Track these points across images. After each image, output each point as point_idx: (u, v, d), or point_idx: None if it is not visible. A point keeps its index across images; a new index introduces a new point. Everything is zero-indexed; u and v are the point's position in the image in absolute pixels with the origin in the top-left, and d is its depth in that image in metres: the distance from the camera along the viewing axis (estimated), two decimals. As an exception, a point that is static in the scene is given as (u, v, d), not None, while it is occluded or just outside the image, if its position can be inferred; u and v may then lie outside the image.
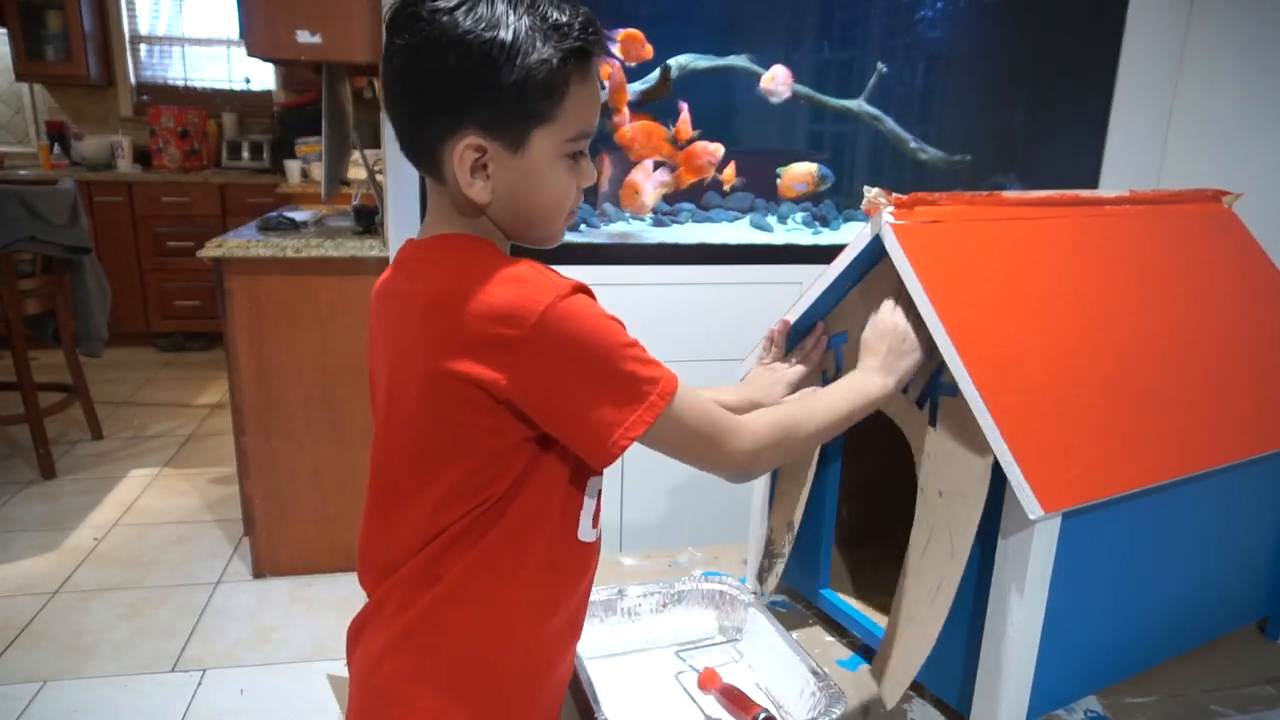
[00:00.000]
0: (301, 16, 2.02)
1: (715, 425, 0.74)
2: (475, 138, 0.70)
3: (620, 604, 1.06)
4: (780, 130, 2.11)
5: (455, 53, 0.67)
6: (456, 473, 0.73)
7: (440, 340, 0.69)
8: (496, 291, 0.68)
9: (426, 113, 0.71)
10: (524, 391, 0.68)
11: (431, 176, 0.76)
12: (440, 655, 0.76)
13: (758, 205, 2.15)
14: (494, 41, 0.67)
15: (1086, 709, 0.93)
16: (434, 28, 0.67)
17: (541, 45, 0.68)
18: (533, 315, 0.66)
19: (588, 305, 0.68)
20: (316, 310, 2.29)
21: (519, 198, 0.74)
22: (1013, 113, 2.24)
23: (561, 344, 0.67)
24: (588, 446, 0.71)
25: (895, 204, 0.88)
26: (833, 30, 2.09)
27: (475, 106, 0.69)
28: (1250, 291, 1.09)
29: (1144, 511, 0.87)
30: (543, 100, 0.70)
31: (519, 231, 0.77)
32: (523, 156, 0.72)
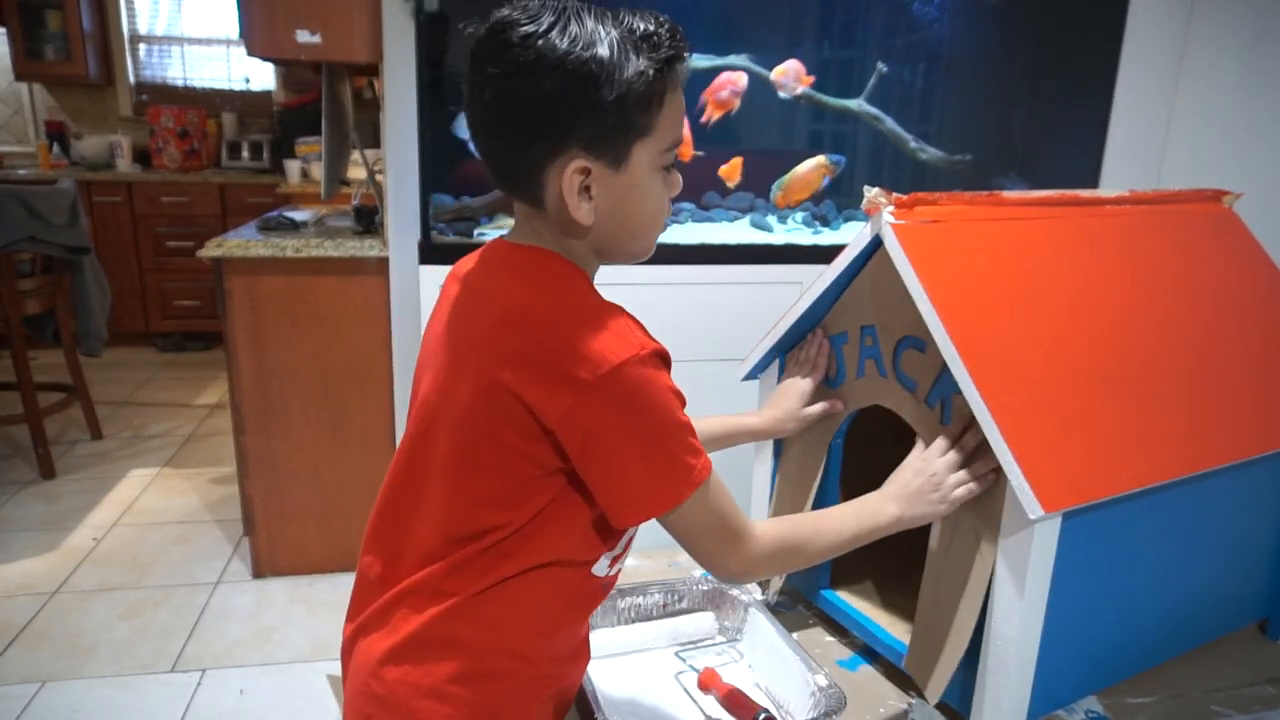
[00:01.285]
0: (301, 16, 2.02)
1: (732, 523, 0.75)
2: (581, 159, 0.69)
3: (620, 604, 1.06)
4: (780, 130, 2.11)
5: (556, 75, 0.66)
6: (484, 490, 0.73)
7: (510, 354, 0.69)
8: (583, 330, 0.68)
9: (528, 140, 0.69)
10: (571, 431, 0.68)
11: (527, 202, 0.74)
12: (444, 670, 0.75)
13: (758, 205, 2.15)
14: (593, 59, 0.66)
15: (1087, 709, 0.93)
16: (529, 52, 0.66)
17: (636, 58, 0.68)
18: (607, 365, 0.66)
19: (659, 375, 0.69)
20: (316, 310, 2.29)
21: (621, 215, 0.73)
22: (1013, 113, 2.24)
23: (623, 402, 0.67)
24: (610, 504, 0.72)
25: (895, 204, 0.88)
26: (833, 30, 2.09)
27: (578, 127, 0.68)
28: (1250, 291, 1.09)
29: (1144, 511, 0.87)
30: (642, 113, 0.70)
31: (616, 248, 0.77)
32: (624, 173, 0.71)
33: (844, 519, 0.83)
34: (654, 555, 1.29)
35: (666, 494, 0.70)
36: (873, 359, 0.96)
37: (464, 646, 0.75)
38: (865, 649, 1.05)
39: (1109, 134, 2.19)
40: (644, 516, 0.72)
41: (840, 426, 1.03)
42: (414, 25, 1.88)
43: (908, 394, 0.92)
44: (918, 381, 0.91)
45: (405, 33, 1.91)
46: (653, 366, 0.68)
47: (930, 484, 0.84)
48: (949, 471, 0.84)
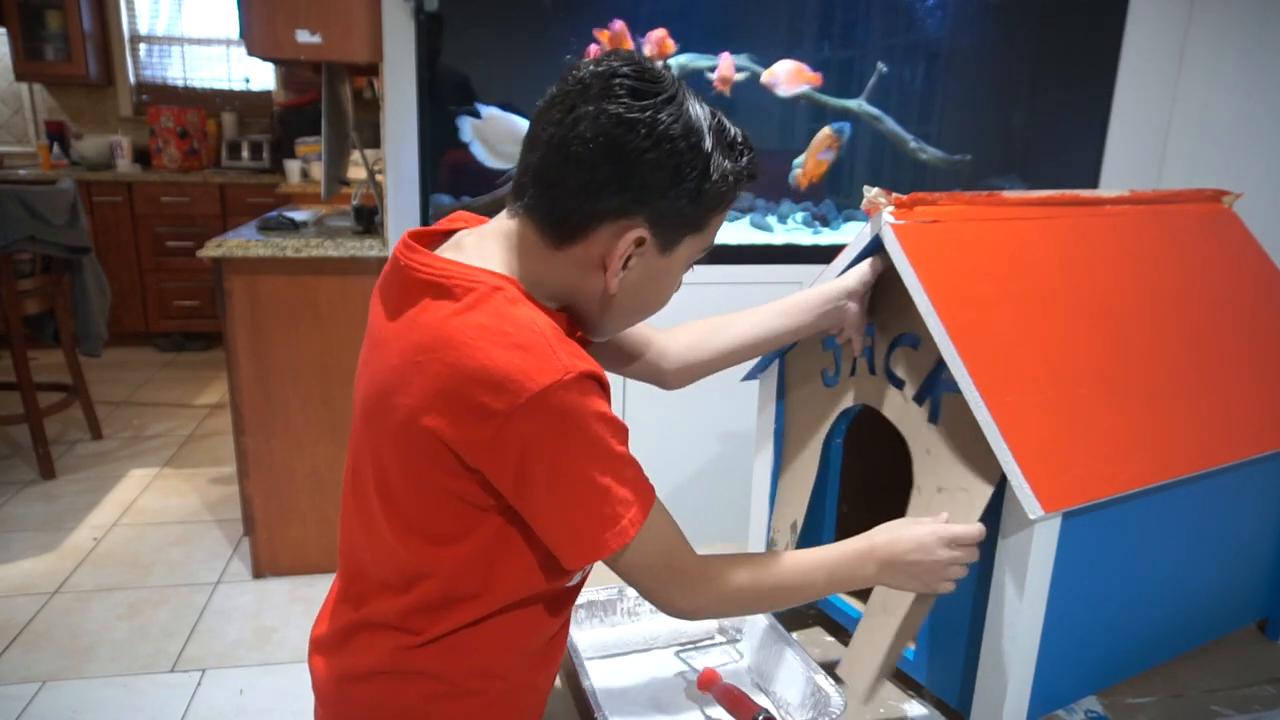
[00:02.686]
0: (301, 16, 2.02)
1: (672, 568, 0.71)
2: (643, 230, 0.69)
3: (620, 604, 1.06)
4: (781, 130, 2.11)
5: (664, 148, 0.66)
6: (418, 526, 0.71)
7: (423, 390, 0.65)
8: (497, 354, 0.63)
9: (600, 189, 0.67)
10: (498, 468, 0.65)
11: (551, 237, 0.70)
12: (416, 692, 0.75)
13: (758, 205, 2.15)
14: (696, 148, 0.67)
15: (1087, 709, 0.93)
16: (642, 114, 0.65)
17: (724, 160, 0.69)
18: (525, 393, 0.61)
19: (589, 402, 0.64)
20: (316, 310, 2.29)
21: (640, 294, 0.73)
22: (1013, 113, 2.24)
23: (547, 433, 0.63)
24: (554, 544, 0.69)
25: (895, 204, 0.88)
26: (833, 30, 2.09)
27: (657, 200, 0.68)
28: (1250, 291, 1.09)
29: (1144, 511, 0.87)
30: (708, 212, 0.71)
31: (595, 320, 0.75)
32: (666, 259, 0.72)
33: (816, 572, 0.78)
34: (654, 555, 1.28)
35: (608, 538, 0.66)
36: (865, 358, 0.96)
37: (434, 675, 0.75)
38: (865, 649, 1.05)
39: (1109, 134, 2.19)
40: (588, 559, 0.67)
41: (840, 427, 1.03)
42: (414, 25, 1.88)
43: (895, 391, 0.92)
44: (905, 379, 0.91)
45: (405, 33, 1.91)
46: (580, 391, 0.63)
47: (926, 568, 0.79)
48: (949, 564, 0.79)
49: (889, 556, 0.79)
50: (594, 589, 1.05)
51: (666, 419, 2.07)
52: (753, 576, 0.76)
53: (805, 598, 0.79)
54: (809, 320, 0.94)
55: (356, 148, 2.63)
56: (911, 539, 0.79)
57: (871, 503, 1.20)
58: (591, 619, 1.05)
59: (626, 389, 1.96)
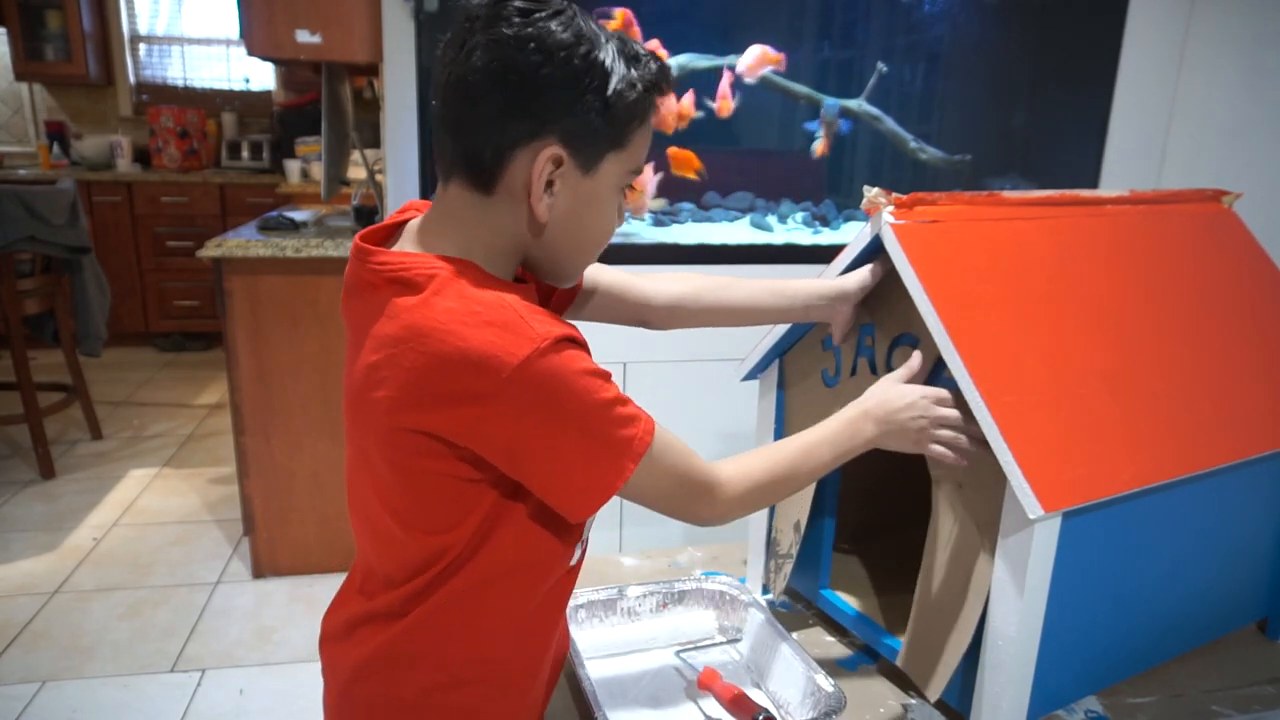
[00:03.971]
0: (301, 16, 2.02)
1: (691, 480, 0.73)
2: (557, 148, 0.68)
3: (620, 604, 1.06)
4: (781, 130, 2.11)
5: (556, 60, 0.65)
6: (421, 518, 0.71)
7: (399, 385, 0.65)
8: (472, 335, 0.63)
9: (507, 115, 0.67)
10: (489, 445, 0.66)
11: (472, 184, 0.70)
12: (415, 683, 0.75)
13: (758, 205, 2.15)
14: (593, 57, 0.66)
15: (1087, 709, 0.93)
16: (530, 29, 0.65)
17: (626, 69, 0.68)
18: (506, 369, 0.62)
19: (568, 361, 0.64)
20: (316, 310, 2.29)
21: (574, 222, 0.72)
22: (1013, 113, 2.25)
23: (535, 403, 0.63)
24: (559, 503, 0.69)
25: (895, 204, 0.88)
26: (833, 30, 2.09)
27: (563, 117, 0.67)
28: (1250, 291, 1.09)
29: (1144, 511, 0.87)
30: (623, 124, 0.70)
31: (549, 259, 0.74)
32: (591, 179, 0.71)
33: (821, 448, 0.80)
34: (654, 555, 1.28)
35: (610, 475, 0.67)
36: (866, 358, 0.96)
37: (431, 660, 0.75)
38: (865, 649, 1.05)
39: (1109, 134, 2.19)
40: (596, 505, 0.68)
41: (840, 426, 1.03)
42: (414, 25, 1.88)
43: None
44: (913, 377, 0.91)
45: (405, 33, 1.91)
46: (558, 354, 0.64)
47: (918, 424, 0.82)
48: (939, 423, 0.82)
49: (883, 415, 0.82)
50: (594, 589, 1.05)
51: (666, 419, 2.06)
52: (765, 469, 0.78)
53: (817, 475, 0.82)
54: (797, 308, 0.95)
55: (356, 148, 2.63)
56: (900, 397, 0.82)
57: (871, 503, 1.20)
58: (591, 619, 1.05)
59: (625, 388, 1.96)
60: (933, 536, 0.90)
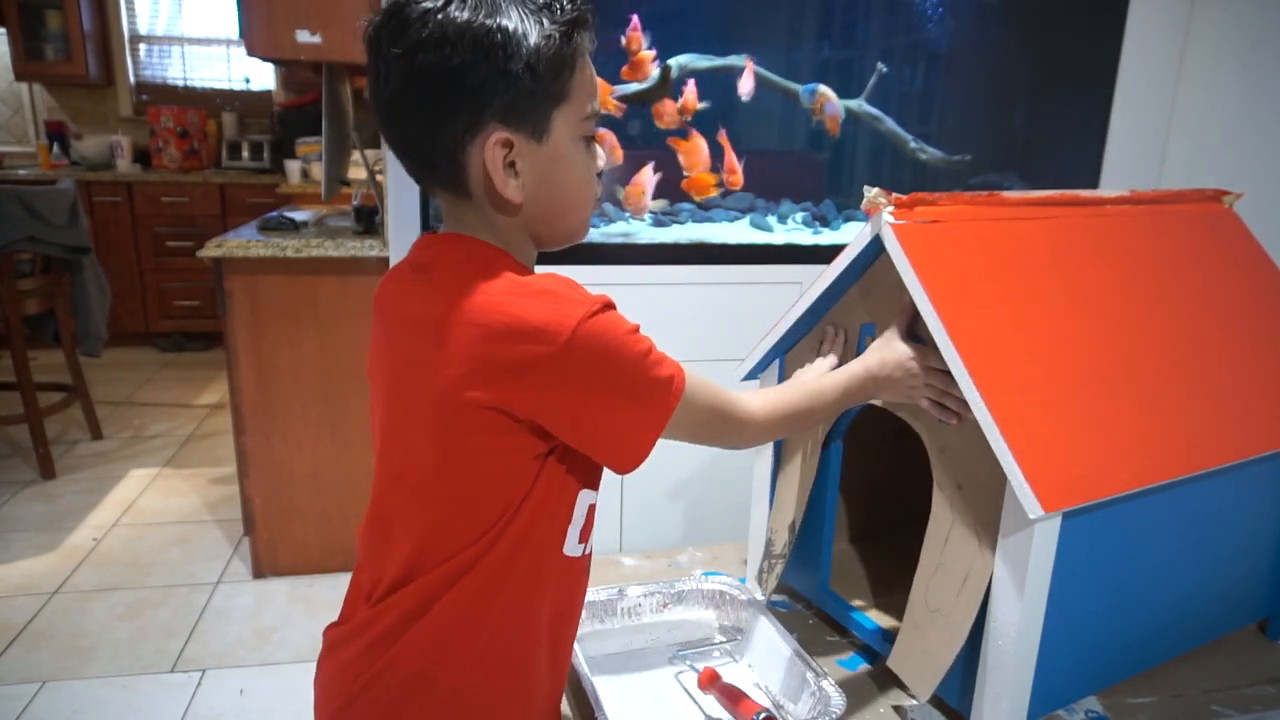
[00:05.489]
0: (301, 16, 2.02)
1: (723, 411, 0.78)
2: (501, 131, 0.68)
3: (620, 604, 1.06)
4: (781, 129, 2.11)
5: (462, 46, 0.64)
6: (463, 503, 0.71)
7: (458, 364, 0.67)
8: (526, 306, 0.66)
9: (442, 118, 0.67)
10: (549, 408, 0.68)
11: (450, 190, 0.72)
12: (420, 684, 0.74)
13: (758, 205, 2.15)
14: (498, 27, 0.65)
15: (1087, 709, 0.93)
16: (432, 27, 0.65)
17: (541, 24, 0.67)
18: (565, 332, 0.65)
19: (614, 321, 0.68)
20: (316, 310, 2.29)
21: (549, 188, 0.72)
22: (1013, 113, 2.25)
23: (591, 361, 0.67)
24: (615, 454, 0.72)
25: (895, 204, 0.88)
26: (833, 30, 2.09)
27: (494, 97, 0.66)
28: (1250, 291, 1.09)
29: (1144, 511, 0.87)
30: (555, 79, 0.68)
31: (548, 229, 0.75)
32: (547, 143, 0.70)
33: (833, 391, 0.87)
34: (654, 555, 1.29)
35: (657, 417, 0.71)
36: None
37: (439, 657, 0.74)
38: (865, 649, 1.05)
39: (1109, 134, 2.18)
40: (648, 449, 0.71)
41: (840, 427, 1.03)
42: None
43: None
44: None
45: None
46: (605, 316, 0.67)
47: (909, 382, 0.89)
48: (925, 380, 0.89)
49: (881, 374, 0.89)
50: (594, 589, 1.05)
51: (666, 419, 2.06)
52: (789, 400, 0.85)
53: (827, 414, 0.89)
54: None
55: (357, 148, 2.63)
56: (894, 353, 0.90)
57: (871, 503, 1.20)
58: (592, 619, 1.05)
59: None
60: (931, 536, 0.90)
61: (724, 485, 2.10)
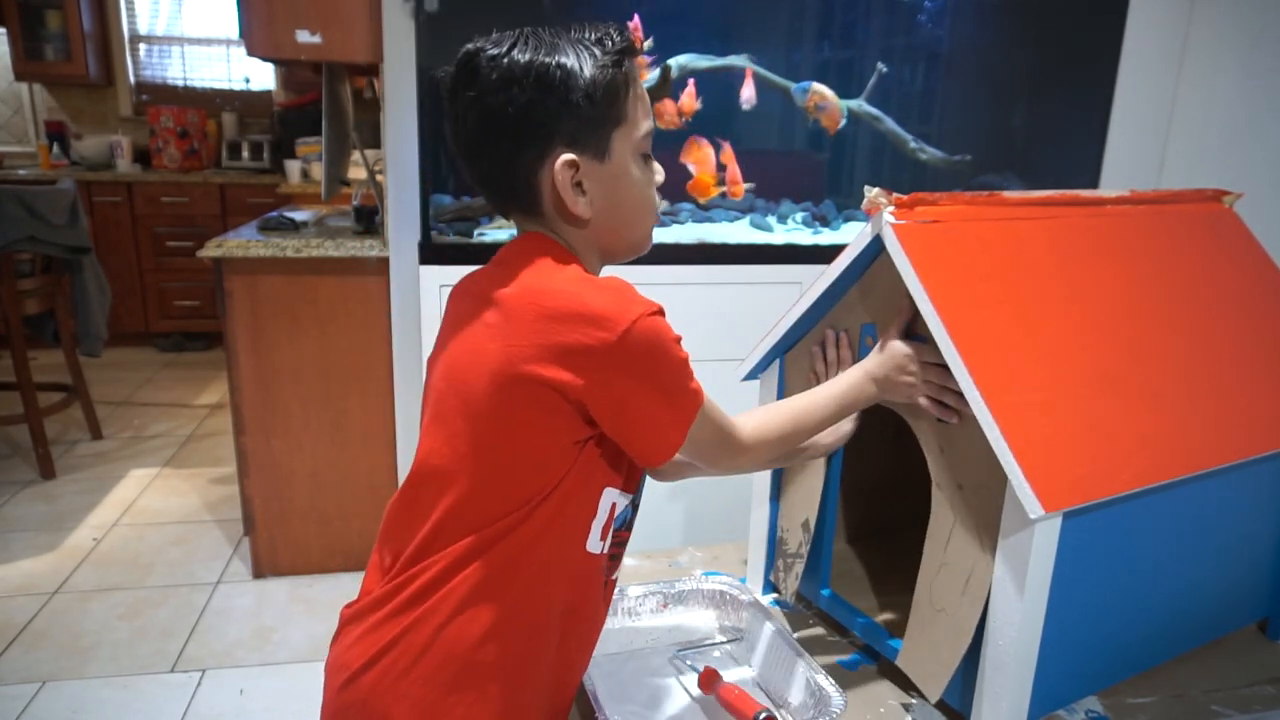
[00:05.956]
0: (301, 16, 2.02)
1: (727, 434, 0.82)
2: (567, 154, 0.75)
3: (620, 604, 1.06)
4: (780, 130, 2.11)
5: (527, 84, 0.73)
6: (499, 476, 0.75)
7: (524, 338, 0.72)
8: (590, 296, 0.72)
9: (515, 149, 0.75)
10: (599, 393, 0.72)
11: (525, 212, 0.80)
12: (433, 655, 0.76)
13: (758, 205, 2.15)
14: (557, 64, 0.73)
15: (1087, 709, 0.93)
16: (499, 69, 0.73)
17: (592, 56, 0.75)
18: (625, 322, 0.70)
19: (665, 326, 0.74)
20: (316, 310, 2.29)
21: (614, 202, 0.79)
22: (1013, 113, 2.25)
23: (641, 354, 0.71)
24: (646, 447, 0.76)
25: (895, 204, 0.88)
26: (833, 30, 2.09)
27: (558, 126, 0.74)
28: (1250, 291, 1.09)
29: (1144, 511, 0.87)
30: (612, 104, 0.76)
31: (616, 239, 0.82)
32: (610, 162, 0.78)
33: (829, 404, 0.89)
34: (654, 555, 1.29)
35: (683, 423, 0.76)
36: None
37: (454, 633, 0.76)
38: (865, 649, 1.05)
39: (1109, 134, 2.19)
40: (672, 450, 0.76)
41: (840, 426, 1.03)
42: (414, 25, 1.88)
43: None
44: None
45: (405, 33, 1.91)
46: (660, 318, 0.73)
47: (908, 380, 0.90)
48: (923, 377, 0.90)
49: (882, 376, 0.91)
50: (594, 589, 1.05)
51: (666, 419, 2.06)
52: (789, 420, 0.87)
53: (824, 426, 0.91)
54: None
55: (357, 148, 2.63)
56: (893, 355, 0.91)
57: (871, 503, 1.20)
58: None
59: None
60: (933, 536, 0.90)
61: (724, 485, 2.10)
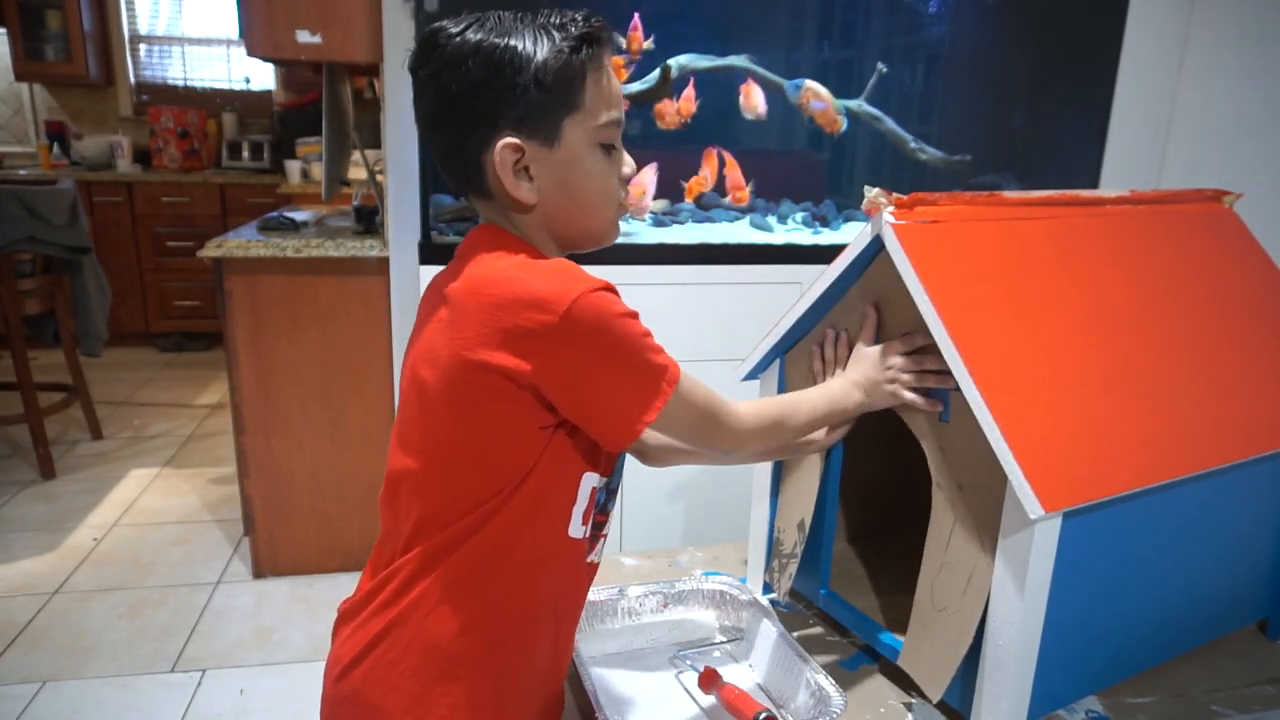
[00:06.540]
0: (301, 16, 2.02)
1: (715, 409, 0.80)
2: (511, 138, 0.74)
3: (620, 604, 1.06)
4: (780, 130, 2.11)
5: (475, 63, 0.72)
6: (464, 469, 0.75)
7: (469, 328, 0.72)
8: (530, 280, 0.71)
9: (463, 130, 0.75)
10: (549, 377, 0.71)
11: (478, 195, 0.79)
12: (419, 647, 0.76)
13: (758, 205, 2.15)
14: (507, 45, 0.72)
15: (1087, 709, 0.93)
16: (451, 48, 0.73)
17: (549, 40, 0.73)
18: (564, 302, 0.69)
19: (613, 300, 0.72)
20: (316, 310, 2.29)
21: (565, 190, 0.78)
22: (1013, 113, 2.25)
23: (589, 332, 0.70)
24: (609, 430, 0.75)
25: (895, 204, 0.88)
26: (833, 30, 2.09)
27: (504, 108, 0.73)
28: (1250, 291, 1.09)
29: (1144, 511, 0.87)
30: (564, 91, 0.74)
31: (569, 228, 0.80)
32: (560, 149, 0.76)
33: (817, 400, 0.90)
34: (654, 555, 1.29)
35: (649, 400, 0.74)
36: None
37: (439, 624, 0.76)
38: (865, 649, 1.05)
39: (1109, 134, 2.19)
40: (638, 430, 0.74)
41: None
42: (414, 25, 1.88)
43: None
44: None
45: (405, 33, 1.91)
46: (605, 297, 0.72)
47: (887, 377, 0.91)
48: (902, 370, 0.91)
49: (864, 382, 0.92)
50: (595, 589, 1.05)
51: (666, 419, 2.06)
52: (774, 408, 0.88)
53: (813, 425, 0.91)
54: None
55: (357, 148, 2.63)
56: (868, 360, 0.93)
57: (870, 503, 1.20)
58: (592, 619, 1.05)
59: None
60: (933, 536, 0.90)
61: (724, 485, 2.10)
